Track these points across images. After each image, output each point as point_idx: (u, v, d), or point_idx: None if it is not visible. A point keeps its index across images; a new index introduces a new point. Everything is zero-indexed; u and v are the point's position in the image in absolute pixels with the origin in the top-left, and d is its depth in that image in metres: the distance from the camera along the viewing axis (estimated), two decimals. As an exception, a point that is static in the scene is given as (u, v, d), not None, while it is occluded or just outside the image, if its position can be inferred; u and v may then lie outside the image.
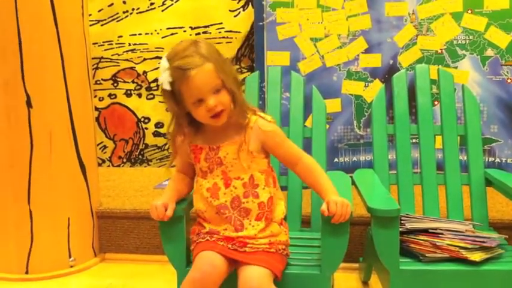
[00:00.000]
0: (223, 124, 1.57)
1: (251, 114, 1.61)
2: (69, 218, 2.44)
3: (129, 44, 3.56)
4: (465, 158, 2.07)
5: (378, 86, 2.89)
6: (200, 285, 1.47)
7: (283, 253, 1.59)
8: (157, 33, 3.51)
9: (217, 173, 1.60)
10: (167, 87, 1.52)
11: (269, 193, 1.60)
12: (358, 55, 2.95)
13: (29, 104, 2.31)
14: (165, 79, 1.52)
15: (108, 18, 3.57)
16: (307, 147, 1.96)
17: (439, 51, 2.91)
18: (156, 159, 3.64)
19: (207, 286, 1.47)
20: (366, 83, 2.96)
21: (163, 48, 3.50)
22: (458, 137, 2.09)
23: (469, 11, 2.86)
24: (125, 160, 3.68)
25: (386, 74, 2.92)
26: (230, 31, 3.44)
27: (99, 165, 3.04)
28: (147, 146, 3.64)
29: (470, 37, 2.87)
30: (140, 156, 3.65)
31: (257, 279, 1.47)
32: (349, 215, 1.50)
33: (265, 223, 1.58)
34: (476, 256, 1.63)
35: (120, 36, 3.56)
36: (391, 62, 2.94)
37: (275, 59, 2.97)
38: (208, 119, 1.55)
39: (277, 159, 1.70)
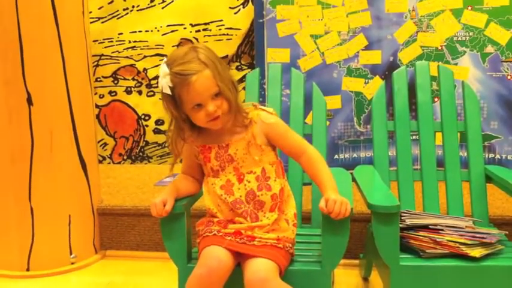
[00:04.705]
0: (226, 124, 1.60)
1: (252, 110, 1.64)
2: (70, 215, 2.44)
3: (129, 41, 3.56)
4: (465, 154, 2.07)
5: (378, 82, 2.89)
6: (207, 281, 1.47)
7: (289, 251, 1.60)
8: (158, 31, 3.51)
9: (229, 169, 1.61)
10: (167, 91, 1.55)
11: (280, 184, 1.63)
12: (358, 52, 2.95)
13: (29, 101, 2.32)
14: (165, 84, 1.54)
15: (108, 15, 3.57)
16: (308, 144, 1.96)
17: (439, 47, 2.91)
18: (157, 157, 3.64)
19: (213, 281, 1.48)
20: (366, 80, 2.96)
21: (163, 46, 3.50)
22: (459, 134, 2.09)
23: (469, 8, 2.86)
24: (125, 157, 3.68)
25: (387, 70, 2.92)
26: (230, 28, 3.43)
27: (100, 162, 3.04)
28: (147, 143, 3.64)
29: (471, 34, 2.87)
30: (141, 154, 3.65)
31: (264, 271, 1.48)
32: (348, 213, 1.50)
33: (278, 213, 1.60)
34: (476, 252, 1.63)
35: (121, 34, 3.56)
36: (391, 58, 2.94)
37: (275, 56, 2.97)
38: (207, 123, 1.57)
39: (283, 152, 1.71)
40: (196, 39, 3.46)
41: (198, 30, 3.47)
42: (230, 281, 1.52)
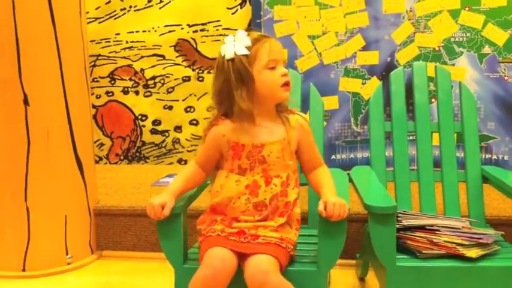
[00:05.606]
0: (266, 120, 1.61)
1: (291, 114, 1.66)
2: (66, 216, 2.43)
3: (127, 42, 3.55)
4: (462, 155, 2.08)
5: (375, 83, 2.89)
6: (212, 282, 1.46)
7: (290, 252, 1.59)
8: (155, 31, 3.51)
9: (257, 170, 1.60)
10: (242, 52, 1.57)
11: (295, 194, 1.63)
12: (355, 52, 2.95)
13: (26, 102, 2.31)
14: (241, 45, 1.58)
15: (106, 15, 3.56)
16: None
17: (437, 48, 2.91)
18: (154, 157, 3.64)
19: (219, 282, 1.47)
20: (364, 81, 2.96)
21: (160, 46, 3.49)
22: (455, 134, 2.09)
23: (467, 8, 2.86)
24: (122, 158, 3.68)
25: (384, 71, 2.92)
26: (228, 29, 3.43)
27: (96, 162, 3.04)
28: (144, 143, 3.63)
29: (468, 34, 2.87)
30: (137, 154, 3.65)
31: (267, 263, 1.47)
32: (346, 215, 1.50)
33: (287, 219, 1.60)
34: (473, 252, 1.63)
35: (118, 34, 3.56)
36: (389, 59, 2.94)
37: (272, 57, 2.96)
38: (278, 87, 1.58)
39: (300, 161, 1.70)
40: (194, 39, 3.46)
41: (196, 31, 3.46)
42: (234, 282, 1.51)
